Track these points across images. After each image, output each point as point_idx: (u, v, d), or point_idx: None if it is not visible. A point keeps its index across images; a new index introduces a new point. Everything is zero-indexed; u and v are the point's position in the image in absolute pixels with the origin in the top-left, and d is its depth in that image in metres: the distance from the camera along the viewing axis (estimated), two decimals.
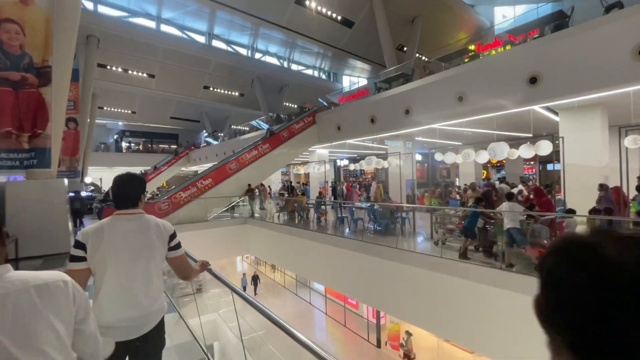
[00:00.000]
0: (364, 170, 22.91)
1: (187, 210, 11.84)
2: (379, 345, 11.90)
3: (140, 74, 21.07)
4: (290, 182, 19.70)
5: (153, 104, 27.91)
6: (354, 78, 27.65)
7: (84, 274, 1.56)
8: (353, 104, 14.21)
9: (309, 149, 16.89)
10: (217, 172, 12.80)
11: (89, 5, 17.55)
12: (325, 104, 17.78)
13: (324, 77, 27.50)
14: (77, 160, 17.42)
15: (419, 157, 16.65)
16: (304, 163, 22.54)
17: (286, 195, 14.08)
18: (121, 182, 1.76)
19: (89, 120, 20.43)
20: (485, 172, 20.25)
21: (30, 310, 0.90)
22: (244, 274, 18.21)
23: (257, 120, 25.43)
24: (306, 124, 15.31)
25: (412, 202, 12.56)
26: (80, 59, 17.75)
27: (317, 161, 17.28)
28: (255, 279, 17.09)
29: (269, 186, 15.74)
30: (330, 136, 14.92)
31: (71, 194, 12.00)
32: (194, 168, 30.63)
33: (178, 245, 1.80)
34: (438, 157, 11.28)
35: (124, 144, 34.37)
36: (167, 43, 18.98)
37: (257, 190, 13.58)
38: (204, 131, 34.81)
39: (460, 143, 15.23)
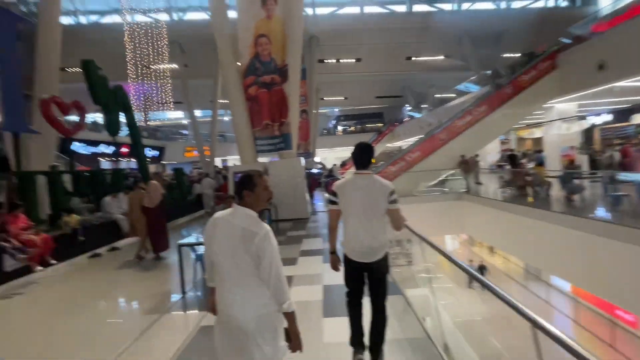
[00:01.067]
0: None
1: (396, 183, 11.87)
2: None
3: (349, 60, 23.16)
4: (512, 151, 16.06)
5: (361, 86, 30.30)
6: None
7: (337, 213, 2.34)
8: (630, 26, 9.36)
9: (543, 105, 12.92)
10: (426, 144, 12.05)
11: (309, 10, 20.71)
12: (567, 41, 12.86)
13: (564, 3, 20.25)
14: (309, 144, 21.77)
15: None
16: (534, 125, 17.80)
17: (508, 166, 11.41)
18: (360, 149, 2.29)
19: (314, 111, 24.93)
20: None
21: (237, 239, 1.50)
22: (471, 261, 15.72)
23: (465, 84, 22.40)
24: (540, 72, 11.64)
25: None
26: (306, 58, 21.47)
27: (561, 119, 13.01)
28: (482, 270, 13.89)
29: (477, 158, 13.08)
30: (583, 82, 10.68)
31: (307, 171, 14.75)
32: (399, 143, 31.20)
33: (395, 201, 2.22)
34: None
35: (339, 128, 39.80)
36: (371, 23, 19.67)
37: (473, 161, 11.79)
38: (407, 105, 34.68)
39: None
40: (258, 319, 1.49)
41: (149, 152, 22.54)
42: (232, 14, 9.18)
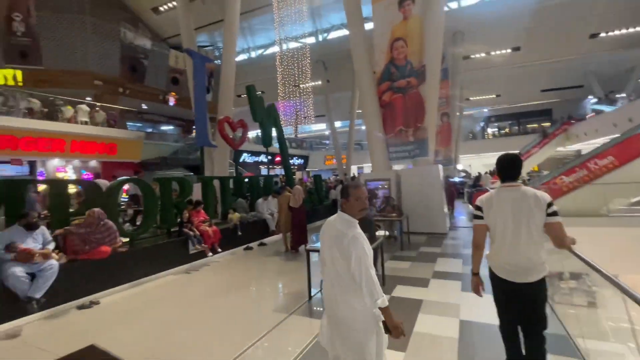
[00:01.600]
0: None
1: (571, 198, 9.18)
2: None
3: (503, 51, 19.81)
4: None
5: (519, 80, 25.43)
6: None
7: (483, 228, 2.17)
8: None
9: None
10: (624, 147, 8.79)
11: (453, 5, 18.92)
12: None
13: None
14: (450, 150, 19.71)
15: None
16: None
17: None
18: (506, 160, 2.15)
19: (458, 113, 22.46)
20: None
21: (333, 240, 1.74)
22: None
23: None
24: None
25: None
26: (448, 58, 19.64)
27: None
28: None
29: None
30: None
31: (447, 180, 13.37)
32: (576, 146, 24.45)
33: (555, 213, 1.97)
34: None
35: (489, 130, 34.62)
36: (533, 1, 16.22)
37: None
38: (590, 97, 26.75)
39: None
40: (358, 314, 1.67)
41: (296, 161, 25.70)
42: (368, 26, 9.28)
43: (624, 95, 21.89)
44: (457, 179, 18.66)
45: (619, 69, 23.28)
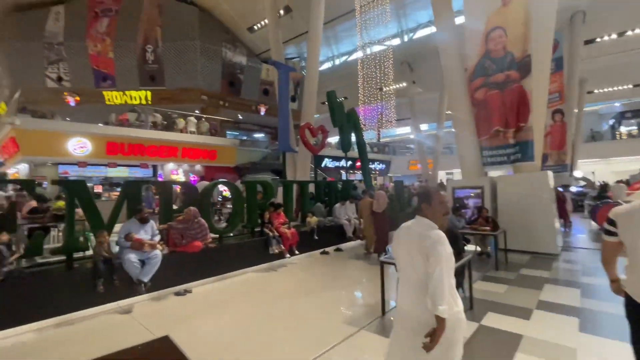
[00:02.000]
0: None
1: None
2: None
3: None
4: None
5: None
6: None
7: (615, 246, 1.91)
8: None
9: None
10: None
11: None
12: None
13: None
14: (564, 154, 16.44)
15: None
16: None
17: None
18: None
19: (576, 110, 18.70)
20: None
21: (414, 243, 1.74)
22: None
23: None
24: None
25: None
26: (564, 45, 16.54)
27: None
28: None
29: None
30: None
31: (559, 189, 11.22)
32: None
33: None
34: None
35: (622, 129, 27.95)
36: None
37: None
38: None
39: None
40: (432, 317, 1.61)
41: (377, 166, 25.10)
42: (459, 20, 8.42)
43: None
44: (573, 189, 15.52)
45: None
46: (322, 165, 20.06)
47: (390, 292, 4.33)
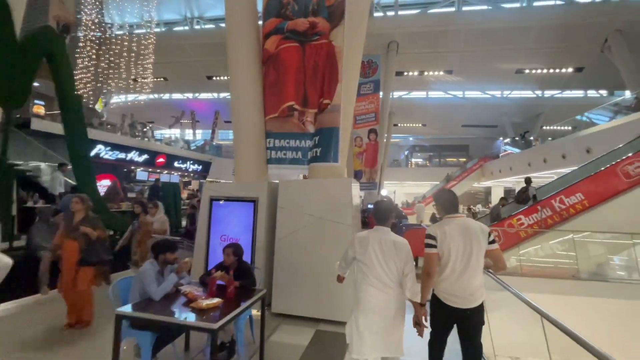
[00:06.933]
0: None
1: (531, 249, 6.47)
2: None
3: (437, 73, 18.42)
4: None
5: (445, 111, 25.05)
6: None
7: (436, 257, 2.23)
8: None
9: None
10: (596, 182, 6.43)
11: (391, 13, 16.92)
12: None
13: None
14: (375, 172, 17.09)
15: None
16: None
17: None
18: (451, 193, 2.43)
19: (385, 135, 20.45)
20: None
21: (391, 250, 2.23)
22: None
23: (598, 110, 15.85)
24: None
25: None
26: (382, 69, 17.40)
27: None
28: None
29: None
30: None
31: (369, 206, 10.47)
32: (488, 183, 24.80)
33: (494, 241, 2.21)
34: None
35: (413, 160, 34.36)
36: (471, 22, 14.90)
37: None
38: (501, 138, 27.95)
39: None
40: (398, 309, 2.22)
41: (191, 166, 20.21)
42: None
43: (533, 137, 22.75)
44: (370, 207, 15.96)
45: (530, 114, 24.45)
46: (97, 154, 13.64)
47: None
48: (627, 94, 16.77)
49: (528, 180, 7.73)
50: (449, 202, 2.29)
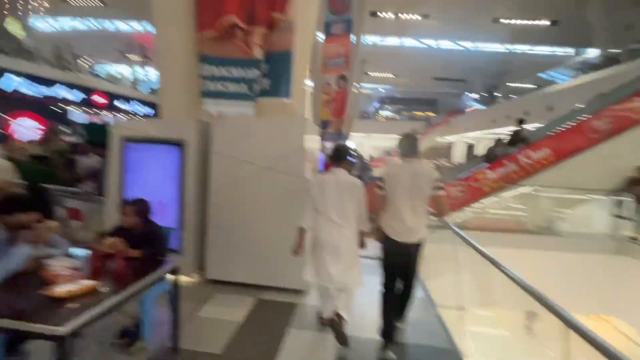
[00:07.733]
0: None
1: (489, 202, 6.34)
2: None
3: (413, 16, 17.09)
4: None
5: (417, 62, 24.02)
6: None
7: (379, 197, 2.43)
8: None
9: None
10: (563, 139, 6.23)
11: None
12: None
13: None
14: (342, 122, 16.27)
15: None
16: None
17: None
18: (409, 139, 2.46)
19: (356, 83, 19.34)
20: None
21: (348, 190, 2.36)
22: None
23: (562, 69, 15.90)
24: None
25: None
26: (355, 8, 15.67)
27: None
28: None
29: None
30: None
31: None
32: (451, 138, 25.26)
33: (440, 187, 2.33)
34: None
35: (382, 112, 33.79)
36: None
37: None
38: (467, 93, 27.96)
39: None
40: (353, 242, 2.41)
41: (140, 108, 17.90)
42: None
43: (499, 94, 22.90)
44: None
45: (498, 70, 24.27)
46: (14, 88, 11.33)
47: None
48: (594, 52, 16.90)
49: (521, 121, 7.42)
50: (407, 145, 2.40)
